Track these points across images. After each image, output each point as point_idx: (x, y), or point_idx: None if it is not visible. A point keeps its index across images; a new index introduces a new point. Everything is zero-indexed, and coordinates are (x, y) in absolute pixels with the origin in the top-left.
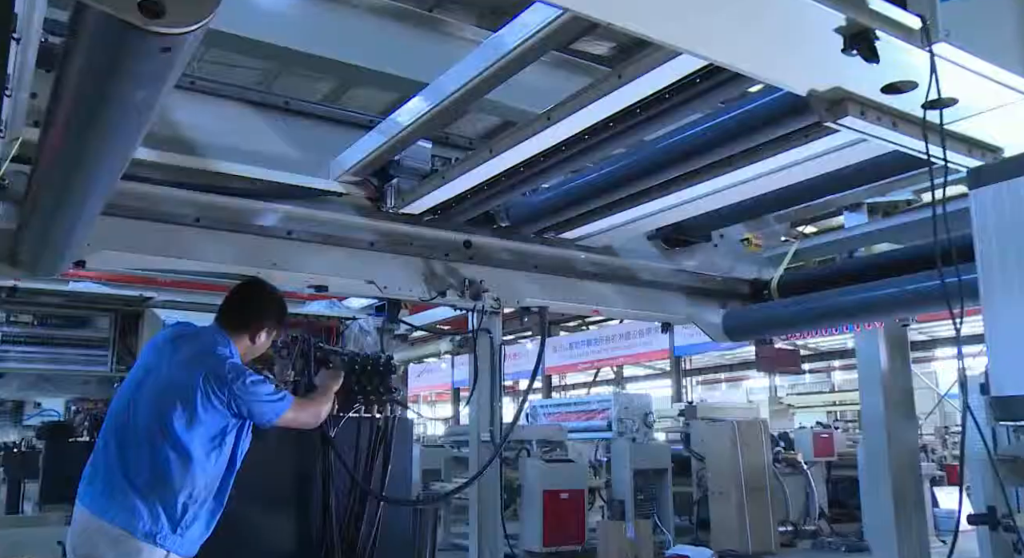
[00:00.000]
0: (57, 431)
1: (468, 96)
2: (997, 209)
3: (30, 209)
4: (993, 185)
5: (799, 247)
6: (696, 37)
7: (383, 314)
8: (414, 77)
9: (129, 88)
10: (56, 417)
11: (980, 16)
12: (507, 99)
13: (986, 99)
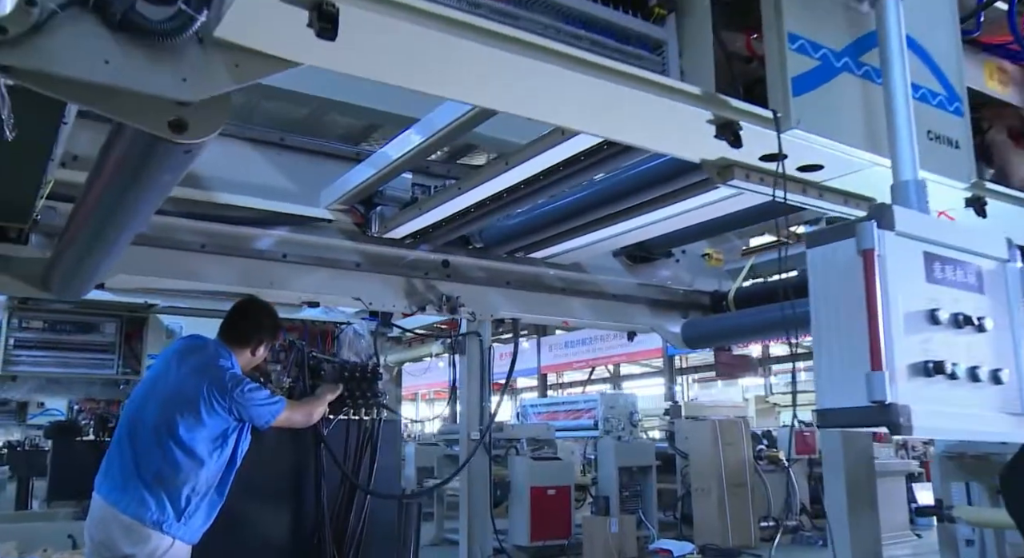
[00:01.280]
0: (64, 431)
1: (458, 130)
2: (824, 262)
3: (66, 245)
4: (821, 247)
5: (755, 262)
6: (611, 129)
7: (376, 318)
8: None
9: (157, 174)
10: (59, 416)
11: (828, 106)
12: (496, 131)
13: (846, 165)
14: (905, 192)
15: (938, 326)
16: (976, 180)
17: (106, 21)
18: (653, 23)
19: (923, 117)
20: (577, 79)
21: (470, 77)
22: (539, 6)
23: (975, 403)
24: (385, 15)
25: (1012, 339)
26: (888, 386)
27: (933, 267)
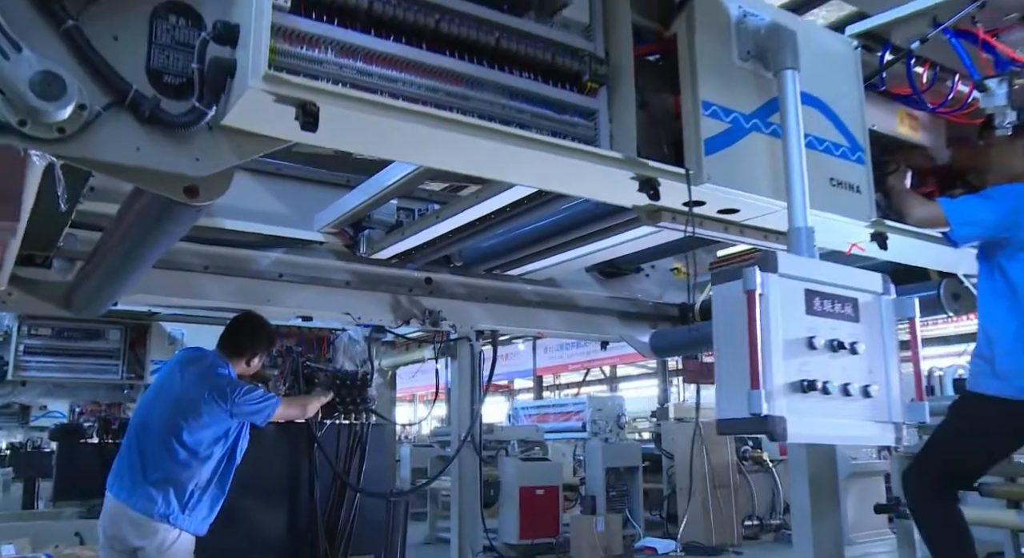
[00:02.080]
0: (68, 433)
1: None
2: (722, 298)
3: (88, 274)
4: (720, 285)
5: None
6: (554, 184)
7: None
8: None
9: (171, 226)
10: (61, 418)
11: (737, 162)
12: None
13: (759, 209)
14: (797, 237)
15: (815, 351)
16: (876, 219)
17: (137, 117)
18: (586, 95)
19: (827, 166)
20: (521, 151)
21: (432, 152)
22: (488, 87)
23: (847, 414)
24: (355, 111)
25: (884, 359)
26: (764, 401)
27: (813, 302)
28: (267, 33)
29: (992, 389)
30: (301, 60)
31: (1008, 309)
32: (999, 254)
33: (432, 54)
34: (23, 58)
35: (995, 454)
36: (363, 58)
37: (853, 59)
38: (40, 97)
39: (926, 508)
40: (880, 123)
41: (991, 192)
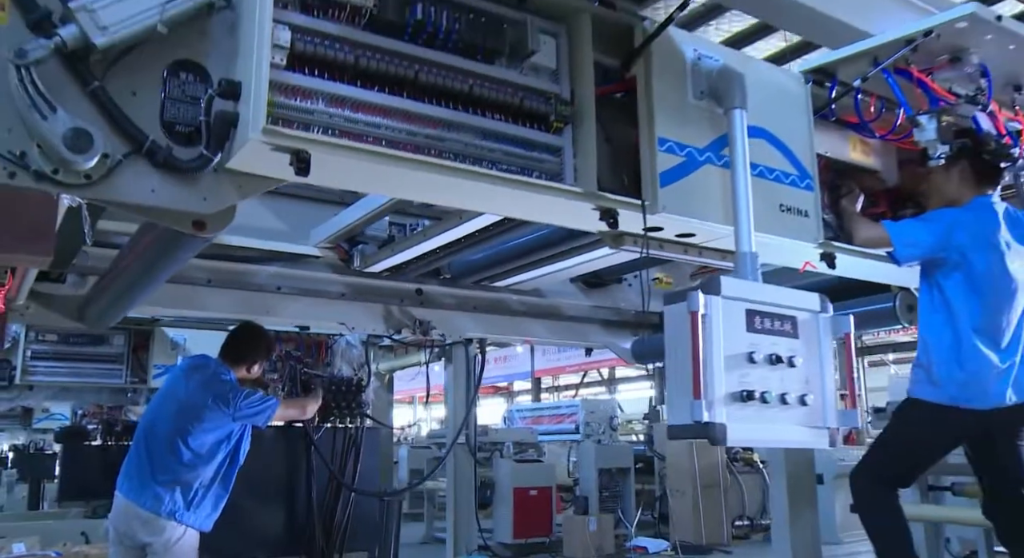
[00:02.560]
0: (73, 435)
1: None
2: (672, 316)
3: (101, 291)
4: (670, 305)
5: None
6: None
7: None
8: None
9: (180, 253)
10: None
11: (691, 192)
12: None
13: (713, 233)
14: (743, 262)
15: (755, 364)
16: (823, 241)
17: (153, 163)
18: (552, 134)
19: (777, 194)
20: (491, 188)
21: (412, 189)
22: (463, 129)
23: (784, 420)
24: (342, 157)
25: (820, 371)
26: (705, 410)
27: (753, 320)
28: (265, 90)
29: (929, 395)
30: (295, 111)
31: (943, 323)
32: (936, 272)
33: (412, 102)
34: (57, 117)
35: (932, 455)
36: (350, 107)
37: (803, 94)
38: (71, 150)
39: (870, 503)
40: (833, 150)
41: (930, 215)
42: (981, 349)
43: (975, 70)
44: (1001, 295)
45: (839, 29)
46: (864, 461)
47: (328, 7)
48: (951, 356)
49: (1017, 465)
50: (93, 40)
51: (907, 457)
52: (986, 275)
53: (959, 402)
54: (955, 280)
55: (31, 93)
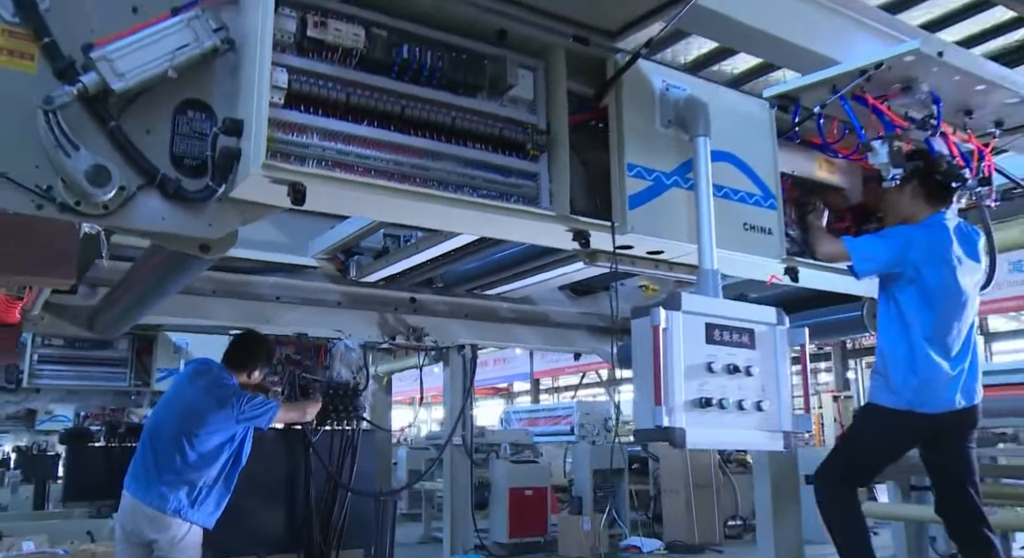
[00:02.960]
0: (77, 437)
1: None
2: (638, 329)
3: (112, 302)
4: (637, 319)
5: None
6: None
7: None
8: None
9: (186, 271)
10: (66, 422)
11: (658, 214)
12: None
13: (681, 250)
14: (704, 279)
15: (713, 373)
16: (786, 257)
17: (164, 194)
18: (529, 161)
19: (742, 213)
20: (471, 213)
21: (399, 213)
22: (446, 158)
23: (741, 425)
24: (334, 187)
25: (776, 379)
26: (665, 415)
27: (712, 333)
28: (264, 128)
29: (886, 401)
30: (292, 145)
31: (899, 333)
32: (893, 286)
33: (399, 134)
34: (80, 155)
35: (890, 456)
36: (342, 140)
37: (768, 119)
38: (92, 185)
39: (831, 500)
40: (799, 169)
41: (886, 232)
42: (933, 357)
43: (926, 97)
44: (952, 307)
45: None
46: (827, 462)
47: (321, 49)
48: (906, 364)
49: (964, 465)
50: (111, 86)
51: (867, 458)
52: (938, 289)
53: (913, 406)
54: (910, 293)
55: (57, 134)
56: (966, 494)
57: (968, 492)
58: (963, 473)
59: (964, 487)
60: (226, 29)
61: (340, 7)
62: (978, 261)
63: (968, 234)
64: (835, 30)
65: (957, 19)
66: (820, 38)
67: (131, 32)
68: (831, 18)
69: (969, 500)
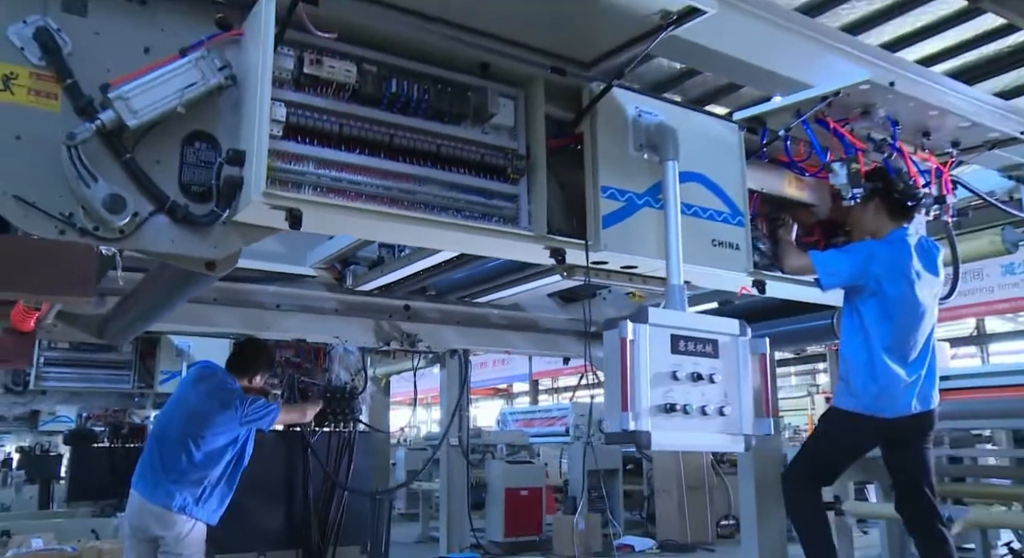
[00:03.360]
0: (81, 438)
1: None
2: (609, 340)
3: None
4: (608, 330)
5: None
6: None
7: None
8: None
9: (193, 286)
10: (69, 423)
11: (630, 233)
12: None
13: (653, 266)
14: (672, 294)
15: (678, 381)
16: (752, 271)
17: (173, 218)
18: (509, 184)
19: (711, 230)
20: (455, 233)
21: (388, 234)
22: (432, 183)
23: (704, 429)
24: (327, 212)
25: (738, 386)
26: (632, 420)
27: (678, 344)
28: (265, 159)
29: (848, 405)
30: (290, 173)
31: (861, 342)
32: (856, 298)
33: (388, 161)
34: (98, 185)
35: (851, 457)
36: (336, 168)
37: (736, 141)
38: (109, 212)
39: (796, 498)
40: (769, 186)
41: (850, 247)
42: (891, 366)
43: (884, 121)
44: (911, 319)
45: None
46: (793, 463)
47: (317, 84)
48: (866, 371)
49: (920, 466)
50: (127, 122)
51: (829, 459)
52: (898, 301)
53: (872, 411)
54: (871, 305)
55: (78, 167)
56: (922, 493)
57: (924, 491)
58: (919, 473)
59: (920, 486)
60: (230, 66)
61: (334, 45)
62: (937, 275)
63: (928, 249)
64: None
65: (949, 25)
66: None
67: (144, 71)
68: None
69: (925, 499)
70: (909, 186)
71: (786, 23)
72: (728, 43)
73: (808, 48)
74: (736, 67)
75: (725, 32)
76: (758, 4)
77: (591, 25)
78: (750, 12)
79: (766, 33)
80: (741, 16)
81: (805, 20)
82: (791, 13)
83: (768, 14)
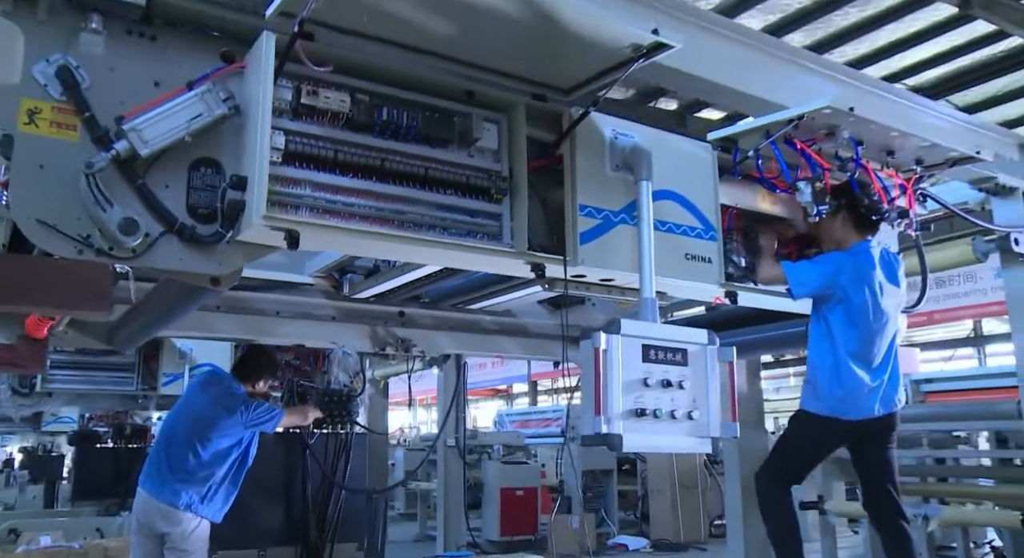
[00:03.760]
0: (85, 439)
1: None
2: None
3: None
4: (584, 340)
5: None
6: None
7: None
8: None
9: (199, 298)
10: (72, 423)
11: (606, 248)
12: None
13: (630, 279)
14: (644, 306)
15: (649, 387)
16: (724, 282)
17: (181, 239)
18: (493, 203)
19: (684, 245)
20: (442, 250)
21: (380, 251)
22: (420, 203)
23: (673, 432)
24: (322, 232)
25: (706, 392)
26: (604, 424)
27: (649, 353)
28: (265, 184)
29: (814, 408)
30: (289, 196)
31: (828, 348)
32: (824, 306)
33: (379, 184)
34: (114, 210)
35: (818, 456)
36: (331, 191)
37: (710, 160)
38: (123, 234)
39: (767, 496)
40: (744, 202)
41: (819, 259)
42: (856, 371)
43: (848, 141)
44: (874, 326)
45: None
46: (765, 463)
47: (313, 113)
48: (832, 376)
49: (884, 466)
50: (139, 151)
51: (798, 458)
52: (863, 309)
53: (838, 413)
54: (838, 313)
55: (95, 193)
56: (886, 491)
57: (888, 489)
58: (883, 473)
59: (884, 485)
60: (233, 97)
61: (329, 77)
62: (898, 285)
63: (889, 261)
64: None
65: (941, 31)
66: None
67: (155, 104)
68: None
69: (889, 496)
70: (873, 201)
71: (758, 45)
72: (701, 67)
73: (778, 69)
74: (710, 89)
75: (697, 57)
76: (730, 27)
77: (569, 56)
78: (722, 35)
79: (737, 56)
80: (714, 41)
81: (775, 42)
82: (763, 36)
83: (740, 36)
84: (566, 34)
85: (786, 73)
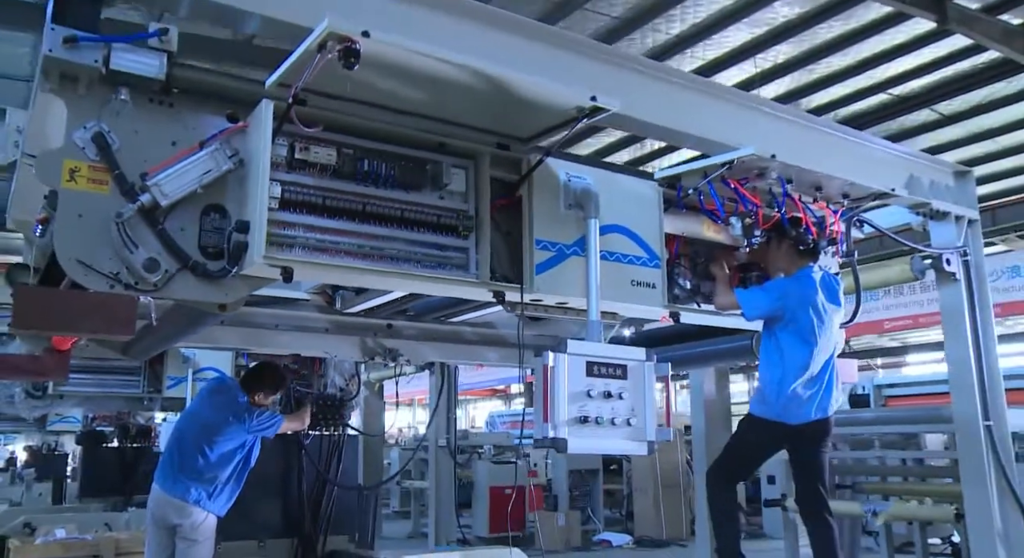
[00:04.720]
0: (92, 438)
1: None
2: (536, 365)
3: (144, 335)
4: (537, 357)
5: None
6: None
7: None
8: None
9: (208, 320)
10: (76, 423)
11: (560, 278)
12: None
13: (579, 303)
14: (591, 328)
15: (592, 398)
16: (668, 305)
17: (194, 274)
18: (460, 239)
19: (631, 273)
20: (415, 281)
21: (362, 281)
22: (396, 240)
23: (613, 436)
24: (312, 268)
25: (644, 401)
26: (551, 429)
27: (592, 368)
28: (264, 228)
29: (761, 413)
30: (284, 237)
31: (776, 361)
32: (774, 325)
33: (361, 225)
34: (139, 251)
35: (760, 457)
36: (319, 231)
37: (655, 197)
38: (147, 271)
39: (714, 492)
40: (689, 231)
41: (768, 286)
42: (798, 382)
43: (777, 181)
44: (817, 343)
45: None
46: (716, 461)
47: (305, 166)
48: (778, 385)
49: (816, 466)
50: (160, 203)
51: (743, 458)
52: (807, 328)
53: (781, 418)
54: (786, 332)
55: (124, 238)
56: (816, 489)
57: (818, 487)
58: (815, 472)
59: (815, 483)
60: (238, 152)
61: (319, 135)
62: (838, 305)
63: (830, 284)
64: (715, 119)
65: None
66: (702, 126)
67: (172, 161)
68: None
69: (818, 494)
70: (800, 233)
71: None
72: (647, 113)
73: (712, 108)
74: (658, 131)
75: (642, 105)
76: (672, 74)
77: (526, 114)
78: (664, 80)
79: (674, 99)
80: (653, 85)
81: (715, 87)
82: (710, 84)
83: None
84: (521, 99)
85: (721, 112)
